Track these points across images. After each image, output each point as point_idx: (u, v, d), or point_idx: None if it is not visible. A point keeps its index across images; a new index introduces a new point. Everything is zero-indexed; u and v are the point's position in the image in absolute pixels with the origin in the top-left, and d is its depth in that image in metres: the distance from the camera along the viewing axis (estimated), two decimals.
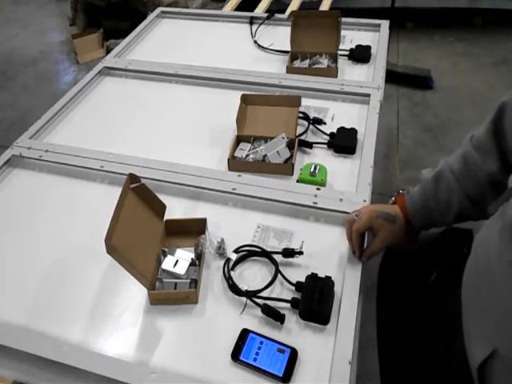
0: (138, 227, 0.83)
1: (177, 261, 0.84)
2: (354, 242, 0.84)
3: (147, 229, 0.86)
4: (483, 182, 0.77)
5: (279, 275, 0.83)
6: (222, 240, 0.89)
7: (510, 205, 0.65)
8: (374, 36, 1.58)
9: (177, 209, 0.98)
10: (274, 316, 0.77)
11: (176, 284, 0.81)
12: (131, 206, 0.81)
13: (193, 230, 0.91)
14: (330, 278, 0.81)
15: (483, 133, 0.77)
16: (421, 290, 0.88)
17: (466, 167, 0.78)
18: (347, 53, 1.46)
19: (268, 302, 0.79)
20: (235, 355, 0.73)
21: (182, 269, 0.83)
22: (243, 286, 0.81)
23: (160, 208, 0.89)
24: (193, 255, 0.86)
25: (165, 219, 0.90)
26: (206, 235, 0.90)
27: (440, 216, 0.82)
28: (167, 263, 0.84)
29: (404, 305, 0.92)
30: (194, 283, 0.82)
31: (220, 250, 0.88)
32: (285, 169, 1.06)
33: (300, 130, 1.16)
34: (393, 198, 0.87)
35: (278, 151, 1.05)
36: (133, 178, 0.83)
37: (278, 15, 1.73)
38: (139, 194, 0.84)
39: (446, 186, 0.79)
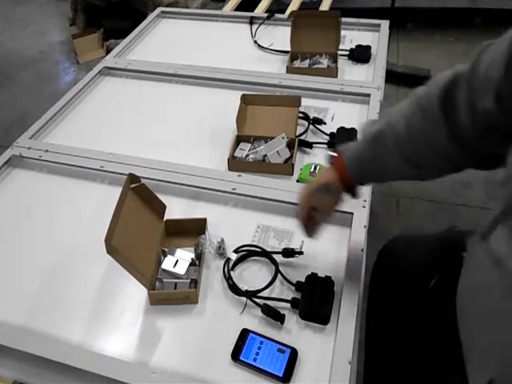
0: (138, 227, 0.83)
1: (177, 261, 0.84)
2: (303, 226, 0.82)
3: (147, 229, 0.86)
4: (425, 148, 0.72)
5: (279, 275, 0.83)
6: (222, 240, 0.89)
7: (493, 236, 0.62)
8: (374, 36, 1.58)
9: (177, 209, 0.98)
10: (274, 316, 0.77)
11: (176, 284, 0.81)
12: (131, 206, 0.81)
13: (193, 230, 0.91)
14: (329, 277, 0.81)
15: (434, 96, 0.69)
16: (418, 297, 0.86)
17: (409, 132, 0.72)
18: (347, 53, 1.46)
19: (268, 302, 0.79)
20: (235, 355, 0.73)
21: (181, 269, 0.83)
22: (243, 286, 0.81)
23: (160, 208, 0.89)
24: (193, 255, 0.86)
25: (165, 219, 0.90)
26: (205, 235, 0.90)
27: (378, 176, 0.79)
28: (167, 263, 0.84)
29: (398, 312, 0.90)
30: (194, 283, 0.82)
31: (220, 250, 0.88)
32: (285, 169, 1.06)
33: (300, 130, 1.16)
34: (331, 159, 0.82)
35: (278, 151, 1.05)
36: (133, 177, 0.83)
37: (277, 15, 1.73)
38: (139, 193, 0.84)
39: (385, 150, 0.74)
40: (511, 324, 0.59)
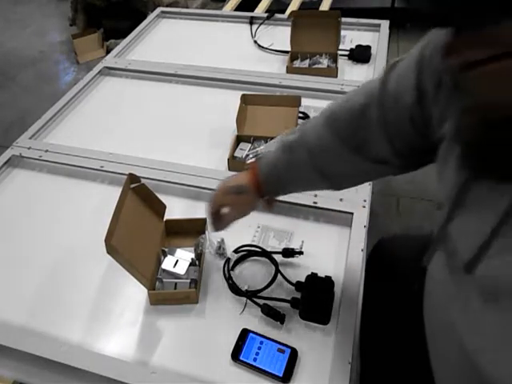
0: (138, 227, 0.83)
1: (177, 261, 0.84)
2: (210, 218, 0.82)
3: (147, 229, 0.86)
4: (337, 163, 0.72)
5: (279, 275, 0.83)
6: (222, 240, 0.89)
7: (433, 261, 0.62)
8: (374, 36, 1.58)
9: (177, 209, 0.98)
10: (274, 316, 0.77)
11: (176, 284, 0.81)
12: (131, 206, 0.81)
13: (193, 230, 0.91)
14: (329, 277, 0.81)
15: (345, 122, 0.69)
16: (408, 297, 0.86)
17: (320, 146, 0.72)
18: (347, 53, 1.46)
19: (268, 302, 0.79)
20: (235, 355, 0.73)
21: (181, 269, 0.83)
22: (243, 286, 0.81)
23: (160, 208, 0.89)
24: (193, 255, 0.86)
25: (165, 219, 0.90)
26: (205, 235, 0.90)
27: (292, 186, 0.79)
28: (167, 263, 0.84)
29: (388, 312, 0.90)
30: (194, 283, 0.82)
31: (220, 250, 0.88)
32: None
33: None
34: (248, 163, 0.84)
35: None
36: (133, 178, 0.83)
37: (277, 15, 1.73)
38: (139, 194, 0.84)
39: (298, 161, 0.74)
40: (449, 344, 0.59)
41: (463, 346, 0.54)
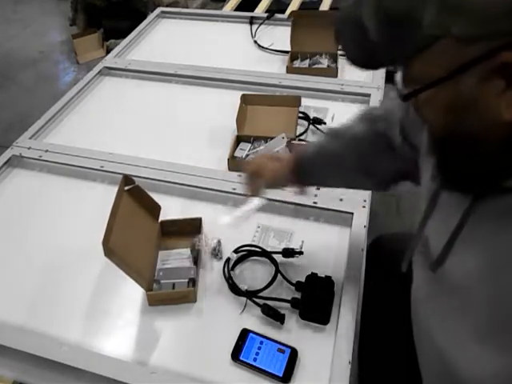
0: (134, 229, 0.83)
1: (173, 261, 0.84)
2: (247, 181, 0.83)
3: (143, 230, 0.86)
4: (377, 153, 0.75)
5: (279, 275, 0.83)
6: (219, 241, 0.89)
7: (414, 262, 0.64)
8: None
9: (177, 209, 0.98)
10: (274, 316, 0.77)
11: (174, 284, 0.81)
12: (126, 207, 0.81)
13: (189, 229, 0.91)
14: (329, 277, 0.81)
15: (367, 134, 0.76)
16: (404, 296, 0.87)
17: (363, 134, 0.77)
18: None
19: (268, 302, 0.78)
20: (235, 355, 0.73)
21: (179, 269, 0.83)
22: (243, 286, 0.81)
23: (155, 209, 0.89)
24: (190, 255, 0.86)
25: (161, 220, 0.90)
26: (201, 235, 0.90)
27: (327, 172, 0.80)
28: (164, 264, 0.84)
29: (388, 307, 0.91)
30: (192, 282, 0.82)
31: (215, 252, 0.88)
32: None
33: (300, 130, 1.16)
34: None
35: (278, 151, 1.05)
36: (127, 179, 0.83)
37: (278, 15, 1.73)
38: (134, 195, 0.84)
39: (343, 144, 0.77)
40: (428, 344, 0.60)
41: (437, 346, 0.56)
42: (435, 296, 0.57)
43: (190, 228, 0.91)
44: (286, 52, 1.45)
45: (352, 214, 0.93)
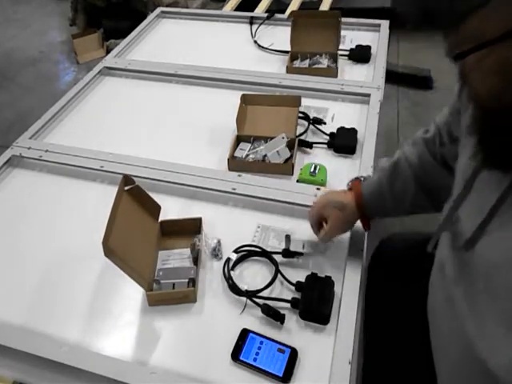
0: (134, 229, 0.83)
1: (173, 261, 0.84)
2: (313, 227, 0.87)
3: (143, 230, 0.86)
4: (435, 175, 0.78)
5: (279, 275, 0.83)
6: (219, 242, 0.89)
7: (440, 243, 0.65)
8: (374, 36, 1.58)
9: (177, 209, 0.98)
10: (274, 316, 0.77)
11: (174, 284, 0.81)
12: (126, 207, 0.81)
13: (189, 229, 0.91)
14: (329, 277, 0.81)
15: (425, 146, 0.79)
16: (411, 295, 0.87)
17: (420, 160, 0.79)
18: (347, 53, 1.46)
19: (268, 302, 0.78)
20: (235, 355, 0.73)
21: (179, 269, 0.83)
22: (243, 286, 0.81)
23: (155, 209, 0.89)
24: (189, 255, 0.86)
25: (161, 220, 0.90)
26: (201, 235, 0.90)
27: (394, 205, 0.82)
28: (164, 264, 0.84)
29: (393, 309, 0.91)
30: (192, 282, 0.82)
31: (215, 252, 0.88)
32: (285, 169, 1.06)
33: (300, 129, 1.16)
34: (349, 183, 0.88)
35: (277, 151, 1.05)
36: (127, 179, 0.83)
37: (278, 15, 1.73)
38: (134, 195, 0.84)
39: (402, 176, 0.79)
40: (448, 332, 0.60)
41: (464, 331, 0.55)
42: (465, 277, 0.57)
43: (190, 228, 0.91)
44: (286, 52, 1.45)
45: None
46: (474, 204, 0.56)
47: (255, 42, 1.59)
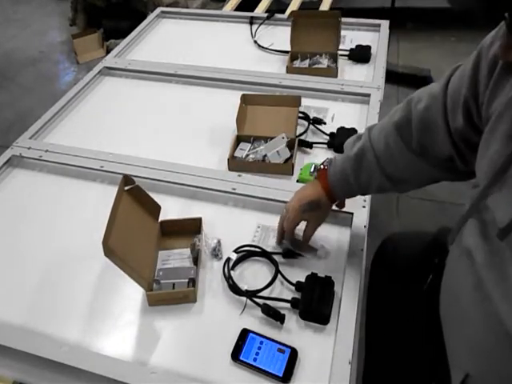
0: (134, 229, 0.83)
1: (173, 261, 0.84)
2: (287, 237, 0.89)
3: (143, 230, 0.86)
4: (404, 167, 0.77)
5: (279, 275, 0.83)
6: (219, 242, 0.89)
7: (464, 231, 0.66)
8: (374, 36, 1.58)
9: (177, 209, 0.98)
10: (274, 316, 0.77)
11: (174, 284, 0.81)
12: (126, 207, 0.81)
13: (189, 229, 0.91)
14: (329, 277, 0.81)
15: (412, 123, 0.75)
16: (414, 297, 0.88)
17: (388, 151, 0.77)
18: (347, 53, 1.46)
19: (268, 302, 0.78)
20: (235, 355, 0.73)
21: (179, 269, 0.83)
22: (243, 286, 0.81)
23: (155, 209, 0.89)
24: (189, 255, 0.86)
25: (161, 220, 0.90)
26: (201, 235, 0.90)
27: (360, 190, 0.84)
28: (164, 264, 0.84)
29: (395, 310, 0.91)
30: (192, 282, 0.82)
31: (215, 252, 0.88)
32: (285, 169, 1.06)
33: (300, 129, 1.16)
34: (315, 174, 0.89)
35: (277, 151, 1.05)
36: (127, 179, 0.83)
37: (278, 15, 1.73)
38: (134, 195, 0.84)
39: (367, 168, 0.79)
40: (479, 316, 0.60)
41: (497, 313, 0.56)
42: (498, 263, 0.57)
43: (190, 228, 0.91)
44: (286, 52, 1.45)
45: (352, 214, 0.93)
46: (508, 193, 0.56)
47: (255, 42, 1.59)
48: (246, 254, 0.88)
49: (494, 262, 0.58)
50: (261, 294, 0.80)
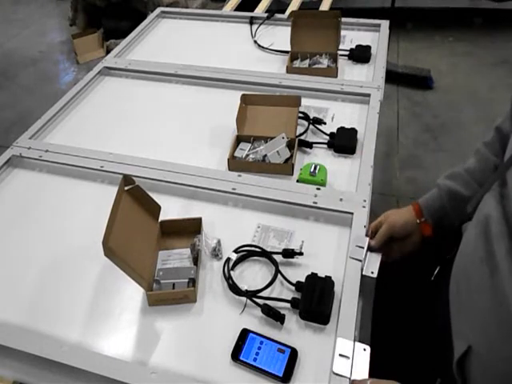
0: (134, 229, 0.82)
1: (173, 261, 0.84)
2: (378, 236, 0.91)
3: (143, 230, 0.86)
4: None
5: (279, 275, 0.83)
6: (219, 242, 0.89)
7: (483, 203, 0.68)
8: (374, 36, 1.58)
9: (176, 209, 0.98)
10: (274, 316, 0.77)
11: (174, 284, 0.81)
12: (126, 207, 0.81)
13: (189, 229, 0.91)
14: (330, 277, 0.81)
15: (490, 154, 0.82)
16: (422, 287, 0.89)
17: (480, 163, 0.83)
18: (347, 53, 1.46)
19: (268, 302, 0.79)
20: (235, 355, 0.73)
21: (179, 269, 0.83)
22: (243, 286, 0.81)
23: (155, 209, 0.89)
24: (189, 255, 0.86)
25: (161, 220, 0.90)
26: (201, 235, 0.90)
27: (457, 214, 0.86)
28: (164, 264, 0.84)
29: (403, 301, 0.92)
30: (192, 282, 0.82)
31: (215, 252, 0.88)
32: (285, 169, 1.06)
33: (300, 130, 1.16)
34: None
35: (277, 151, 1.05)
36: (127, 179, 0.83)
37: (278, 15, 1.73)
38: (134, 195, 0.84)
39: (462, 182, 0.84)
40: (486, 290, 0.61)
41: (503, 287, 0.58)
42: None
43: (190, 228, 0.91)
44: (286, 52, 1.45)
45: (352, 214, 0.93)
46: None
47: (255, 42, 1.59)
48: (246, 254, 0.88)
49: (507, 234, 0.60)
50: (261, 294, 0.80)
